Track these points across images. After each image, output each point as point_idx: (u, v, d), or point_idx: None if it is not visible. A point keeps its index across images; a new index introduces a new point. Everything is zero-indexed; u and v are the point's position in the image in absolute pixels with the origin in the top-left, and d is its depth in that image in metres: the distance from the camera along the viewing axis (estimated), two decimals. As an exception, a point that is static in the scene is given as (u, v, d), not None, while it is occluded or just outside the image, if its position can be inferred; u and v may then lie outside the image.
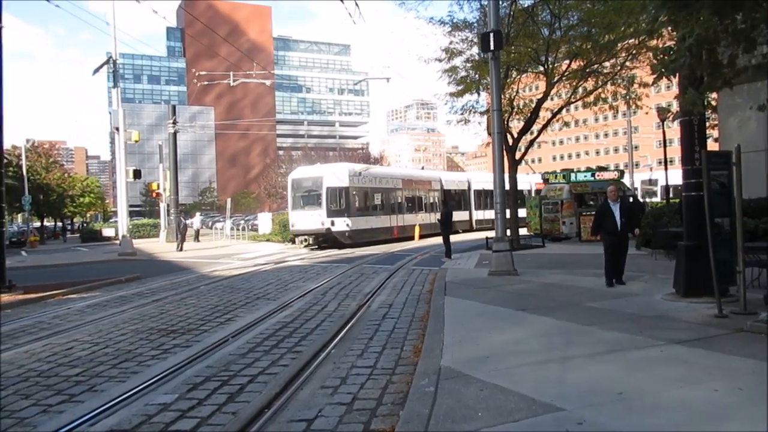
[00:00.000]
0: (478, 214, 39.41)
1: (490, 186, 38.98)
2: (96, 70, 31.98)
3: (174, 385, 6.20)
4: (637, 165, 62.64)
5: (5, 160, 19.27)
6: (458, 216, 34.43)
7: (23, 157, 52.58)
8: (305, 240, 27.20)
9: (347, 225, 26.74)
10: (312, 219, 26.39)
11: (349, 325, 9.05)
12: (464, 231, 36.34)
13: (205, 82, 48.81)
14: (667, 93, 44.69)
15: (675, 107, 12.57)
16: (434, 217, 32.08)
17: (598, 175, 26.56)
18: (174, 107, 42.53)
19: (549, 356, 6.13)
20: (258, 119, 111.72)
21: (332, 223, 26.17)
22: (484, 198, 39.41)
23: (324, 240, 26.79)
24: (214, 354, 7.51)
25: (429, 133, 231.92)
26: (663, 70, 7.06)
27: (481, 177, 43.14)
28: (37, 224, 62.32)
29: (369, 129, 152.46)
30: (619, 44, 19.70)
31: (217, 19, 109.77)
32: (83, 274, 19.20)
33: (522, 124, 22.75)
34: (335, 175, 27.50)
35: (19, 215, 63.06)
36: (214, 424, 5.00)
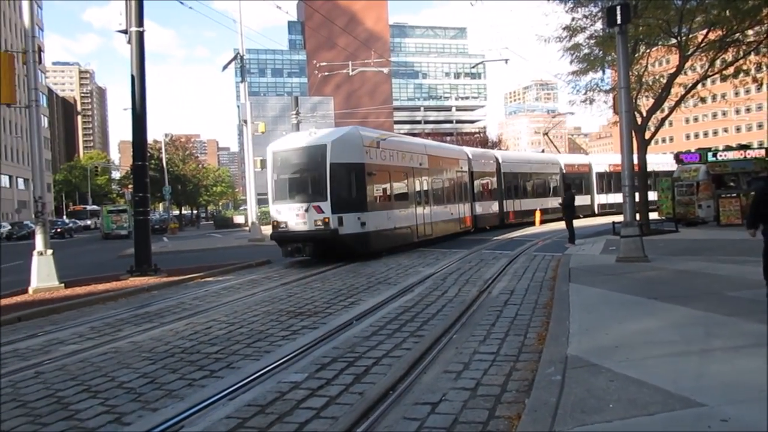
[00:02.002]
0: (507, 204, 30.71)
1: (524, 167, 33.34)
2: (225, 67, 33.93)
3: (303, 364, 6.50)
4: (784, 141, 56.99)
5: (148, 154, 20.97)
6: (485, 207, 28.42)
7: (163, 150, 56.98)
8: (296, 248, 17.22)
9: (362, 224, 17.37)
10: (308, 216, 16.97)
11: (471, 311, 9.03)
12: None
13: (325, 73, 50.29)
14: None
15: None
16: (462, 210, 25.36)
17: (739, 154, 24.39)
18: (296, 98, 44.21)
19: (686, 348, 5.76)
20: (376, 107, 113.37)
21: (340, 222, 16.80)
22: (516, 182, 32.00)
23: (326, 247, 17.24)
24: (339, 336, 7.79)
25: (549, 115, 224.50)
26: None
27: (512, 155, 36.77)
28: (176, 212, 67.39)
29: (486, 112, 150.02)
30: (765, 9, 17.92)
31: (335, 11, 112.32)
32: (218, 258, 20.58)
33: (651, 101, 21.39)
34: (344, 145, 17.55)
35: (161, 204, 68.60)
36: (342, 403, 5.19)
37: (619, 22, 13.07)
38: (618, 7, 13.00)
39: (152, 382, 6.12)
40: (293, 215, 17.26)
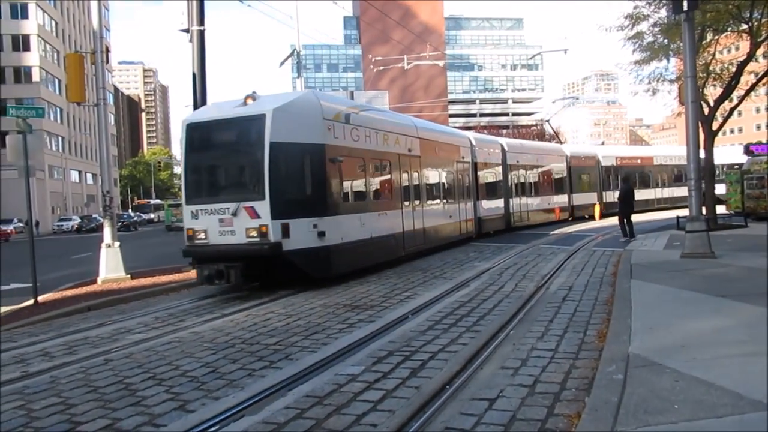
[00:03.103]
0: (514, 204, 25.33)
1: (531, 158, 27.68)
2: (282, 63, 34.54)
3: (360, 357, 6.56)
4: None
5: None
6: (490, 207, 23.09)
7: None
8: (216, 272, 11.39)
9: (320, 234, 12.06)
10: (237, 222, 11.51)
11: (528, 306, 8.91)
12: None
13: (380, 68, 50.45)
14: None
15: None
16: (464, 211, 20.36)
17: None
18: (352, 93, 44.56)
19: (757, 348, 5.49)
20: (431, 101, 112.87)
21: (284, 231, 11.46)
22: (523, 176, 26.60)
23: (263, 269, 11.95)
24: (395, 330, 7.82)
25: (609, 106, 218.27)
26: None
27: (518, 144, 29.98)
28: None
29: (543, 104, 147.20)
30: None
31: (390, 4, 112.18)
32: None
33: (719, 90, 20.50)
34: (292, 116, 12.07)
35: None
36: (399, 397, 5.21)
37: (685, 8, 12.56)
38: (684, -7, 12.49)
39: (214, 372, 6.30)
40: (215, 221, 11.59)
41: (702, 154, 16.02)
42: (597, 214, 30.57)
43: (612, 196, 32.18)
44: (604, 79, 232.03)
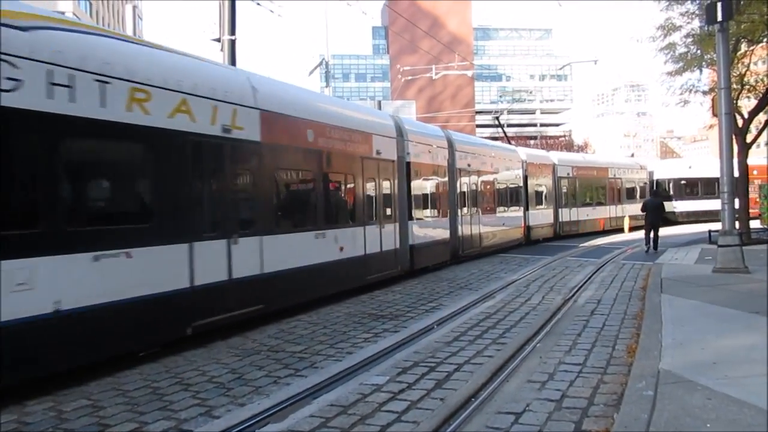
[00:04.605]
0: (464, 225, 17.78)
1: (484, 161, 20.09)
2: (311, 72, 34.81)
3: (385, 367, 6.54)
4: None
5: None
6: (428, 230, 15.55)
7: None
8: None
9: None
10: None
11: (555, 319, 8.81)
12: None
13: (409, 77, 50.60)
14: None
15: None
16: (376, 238, 12.86)
17: None
18: (379, 103, 44.66)
19: (793, 367, 5.37)
20: (458, 111, 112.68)
21: None
22: (474, 184, 18.86)
23: None
24: (420, 340, 7.79)
25: (639, 117, 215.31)
26: None
27: (468, 140, 21.87)
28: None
29: (572, 116, 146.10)
30: None
31: (419, 15, 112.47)
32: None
33: (754, 102, 20.14)
34: None
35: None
36: (423, 408, 5.18)
37: (719, 19, 12.36)
38: (718, 4, 12.30)
39: (240, 378, 6.34)
40: None
41: (735, 167, 15.75)
42: (627, 226, 30.00)
43: (568, 214, 27.31)
44: (634, 90, 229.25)
